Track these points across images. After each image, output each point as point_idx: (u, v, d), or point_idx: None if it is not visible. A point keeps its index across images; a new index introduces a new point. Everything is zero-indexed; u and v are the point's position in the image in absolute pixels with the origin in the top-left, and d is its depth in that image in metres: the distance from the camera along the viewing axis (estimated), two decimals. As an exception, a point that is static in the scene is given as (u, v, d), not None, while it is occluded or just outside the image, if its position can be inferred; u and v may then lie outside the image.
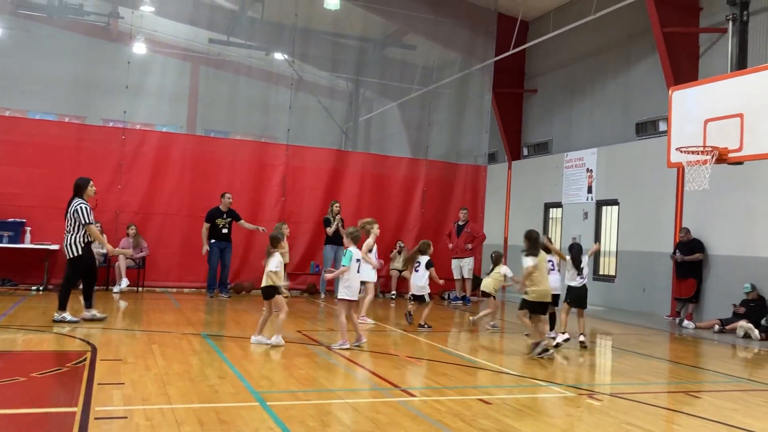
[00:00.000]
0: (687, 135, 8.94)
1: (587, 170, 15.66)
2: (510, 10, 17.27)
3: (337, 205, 14.19)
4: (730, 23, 8.99)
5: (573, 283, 9.03)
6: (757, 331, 10.59)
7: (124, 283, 13.12)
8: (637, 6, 13.55)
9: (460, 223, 14.88)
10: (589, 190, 15.62)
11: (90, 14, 15.79)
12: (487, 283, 10.65)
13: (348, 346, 7.88)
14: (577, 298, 9.02)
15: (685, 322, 12.01)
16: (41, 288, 12.79)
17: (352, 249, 8.11)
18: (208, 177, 14.56)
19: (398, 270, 15.12)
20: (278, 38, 16.47)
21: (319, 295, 14.50)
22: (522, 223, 17.87)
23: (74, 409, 4.91)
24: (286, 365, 6.93)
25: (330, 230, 13.93)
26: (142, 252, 13.68)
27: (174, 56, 16.28)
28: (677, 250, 12.58)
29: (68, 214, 9.17)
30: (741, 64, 8.86)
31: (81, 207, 9.10)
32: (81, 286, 9.72)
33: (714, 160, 8.49)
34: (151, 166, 14.28)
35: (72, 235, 9.11)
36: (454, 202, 16.61)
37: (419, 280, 10.60)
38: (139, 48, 15.23)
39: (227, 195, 13.52)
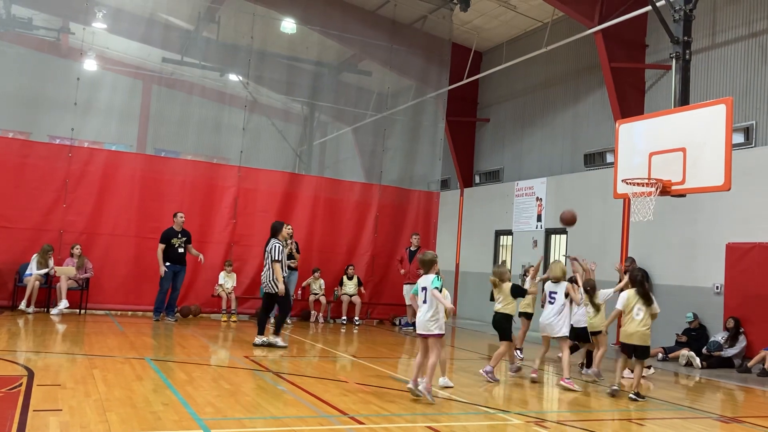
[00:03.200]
0: (633, 167, 9.19)
1: (537, 199, 15.95)
2: (464, 40, 17.62)
3: (290, 228, 14.05)
4: (674, 61, 9.31)
5: None
6: (698, 360, 10.86)
7: (63, 304, 12.68)
8: (587, 41, 14.00)
9: (413, 248, 14.92)
10: (539, 219, 15.89)
11: (39, 29, 15.45)
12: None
13: (410, 386, 6.96)
14: None
15: (630, 350, 12.22)
16: (-23, 309, 12.29)
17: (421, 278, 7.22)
18: (157, 197, 14.28)
19: (348, 295, 15.04)
20: (233, 59, 16.39)
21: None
22: (473, 249, 18.06)
23: (6, 437, 4.70)
24: (232, 392, 6.79)
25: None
26: (86, 273, 13.29)
27: (125, 74, 16.02)
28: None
29: (266, 253, 10.29)
30: (684, 100, 9.18)
31: (276, 246, 10.27)
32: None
33: (658, 192, 8.74)
34: (98, 185, 13.92)
35: (272, 272, 10.17)
36: (407, 227, 16.67)
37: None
38: (90, 65, 14.95)
39: (179, 214, 13.27)
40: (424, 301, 7.01)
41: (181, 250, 13.13)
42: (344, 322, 14.82)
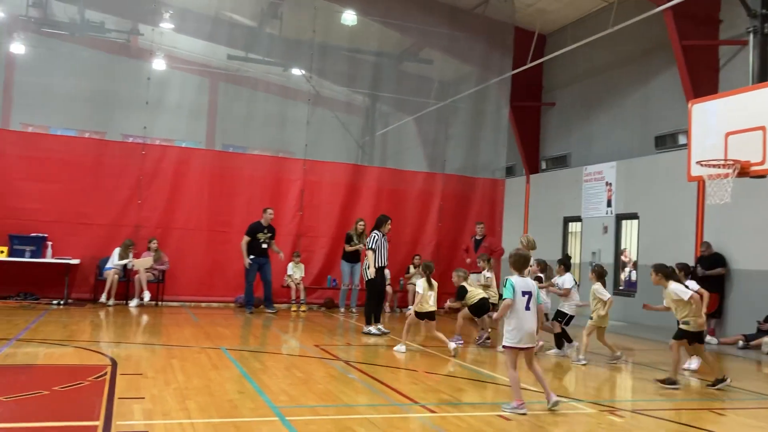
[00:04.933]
0: (707, 148, 8.87)
1: (606, 184, 15.57)
2: (527, 23, 17.29)
3: (362, 223, 14.09)
4: (751, 36, 8.94)
5: None
6: (781, 347, 10.41)
7: (146, 296, 13.16)
8: (655, 19, 13.50)
9: (478, 237, 14.79)
10: (609, 204, 15.51)
11: (111, 32, 16.04)
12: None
13: (524, 411, 5.87)
14: None
15: (708, 338, 11.82)
16: (62, 302, 12.89)
17: (514, 278, 6.16)
18: (226, 192, 14.63)
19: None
20: (296, 54, 16.60)
21: (337, 310, 14.50)
22: (541, 237, 17.74)
23: (96, 423, 4.93)
24: (305, 380, 6.92)
25: (349, 248, 13.92)
26: (163, 266, 13.74)
27: (193, 72, 16.46)
28: (698, 265, 12.42)
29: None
30: (762, 76, 8.81)
31: (372, 237, 10.84)
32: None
33: (736, 173, 8.41)
34: (170, 181, 14.37)
35: (366, 261, 10.77)
36: (472, 216, 16.54)
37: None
38: (159, 64, 15.42)
39: (269, 210, 13.55)
40: (527, 308, 6.02)
41: (264, 245, 13.38)
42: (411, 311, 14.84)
